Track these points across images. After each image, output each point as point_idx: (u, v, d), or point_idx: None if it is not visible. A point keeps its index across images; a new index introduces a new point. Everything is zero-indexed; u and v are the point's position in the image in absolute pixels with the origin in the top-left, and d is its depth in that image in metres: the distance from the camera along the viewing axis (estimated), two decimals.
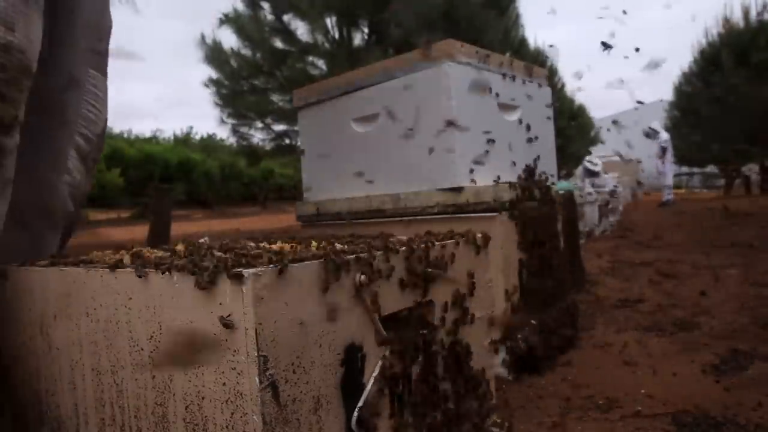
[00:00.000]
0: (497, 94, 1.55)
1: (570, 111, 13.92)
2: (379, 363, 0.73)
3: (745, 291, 2.38)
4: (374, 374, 0.72)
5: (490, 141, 1.52)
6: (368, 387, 0.71)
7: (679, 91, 14.74)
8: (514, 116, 1.62)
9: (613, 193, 6.69)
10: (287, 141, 7.87)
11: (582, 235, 3.66)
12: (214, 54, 7.44)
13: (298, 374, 0.62)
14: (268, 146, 7.97)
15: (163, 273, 0.64)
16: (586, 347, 1.69)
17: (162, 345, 0.66)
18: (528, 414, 1.21)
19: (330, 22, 6.92)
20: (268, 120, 7.78)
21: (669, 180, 9.96)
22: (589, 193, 5.28)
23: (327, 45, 7.01)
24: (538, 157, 1.69)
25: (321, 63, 7.18)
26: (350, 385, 0.69)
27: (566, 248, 1.79)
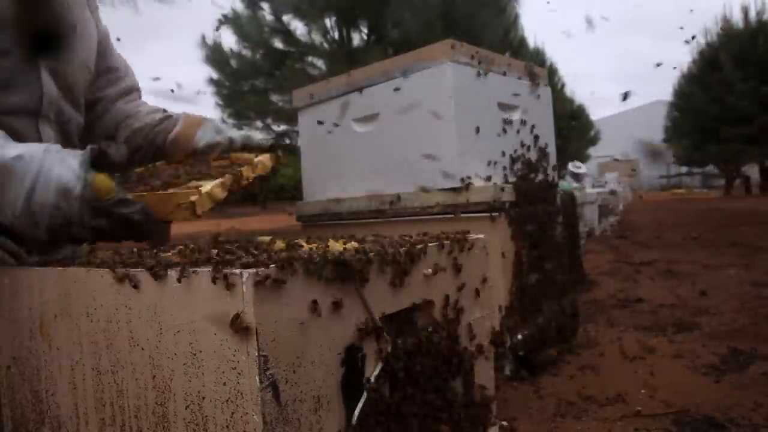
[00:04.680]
0: (497, 94, 1.55)
1: (570, 111, 13.94)
2: (380, 363, 0.73)
3: (745, 291, 2.38)
4: (374, 374, 0.72)
5: (490, 141, 1.52)
6: (368, 387, 0.71)
7: (678, 91, 14.75)
8: (513, 116, 1.62)
9: (613, 193, 6.69)
10: (287, 141, 7.88)
11: (582, 235, 3.66)
12: (215, 54, 7.44)
13: (299, 374, 0.62)
14: None
15: (178, 280, 0.64)
16: (586, 347, 1.69)
17: (162, 345, 0.66)
18: (528, 414, 1.21)
19: (330, 22, 6.92)
20: (268, 120, 7.79)
21: None
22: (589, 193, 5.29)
23: (327, 45, 7.02)
24: (538, 157, 1.69)
25: (321, 63, 7.18)
26: (350, 385, 0.69)
27: (566, 248, 1.79)
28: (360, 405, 0.70)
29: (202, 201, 0.93)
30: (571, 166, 8.34)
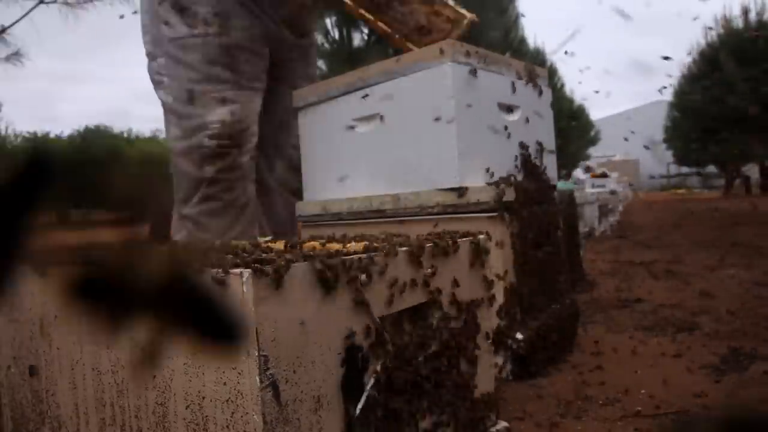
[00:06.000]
0: (497, 94, 1.55)
1: (570, 111, 13.93)
2: (380, 363, 0.73)
3: (745, 291, 2.38)
4: (375, 374, 0.72)
5: (490, 141, 1.52)
6: (368, 387, 0.71)
7: (678, 91, 14.74)
8: (513, 116, 1.62)
9: (613, 193, 6.70)
10: None
11: (582, 235, 3.66)
12: None
13: (299, 374, 0.62)
14: None
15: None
16: (585, 347, 1.69)
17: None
18: (528, 414, 1.21)
19: (330, 22, 6.92)
20: None
21: None
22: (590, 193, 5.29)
23: (327, 45, 7.01)
24: (538, 157, 1.69)
25: (321, 63, 7.18)
26: (350, 385, 0.69)
27: (566, 248, 1.79)
28: (360, 405, 0.70)
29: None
30: (586, 175, 8.14)
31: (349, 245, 0.82)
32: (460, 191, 1.42)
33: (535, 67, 1.73)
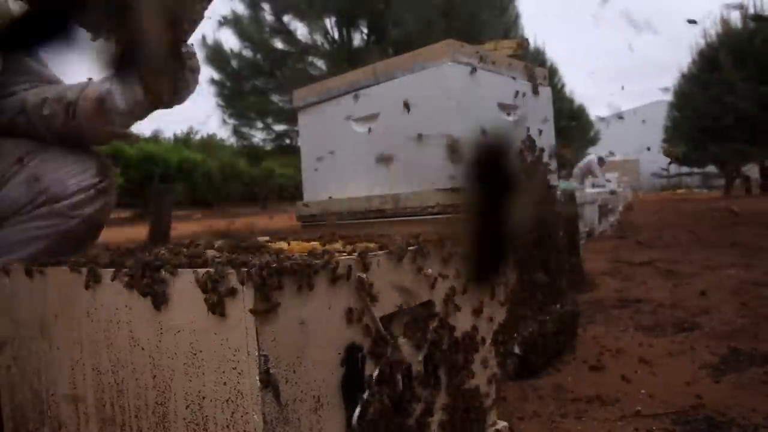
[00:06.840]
0: (497, 94, 1.55)
1: (570, 111, 13.94)
2: (380, 363, 0.73)
3: (745, 291, 2.38)
4: (374, 374, 0.72)
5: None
6: (368, 387, 0.71)
7: (678, 91, 14.73)
8: (513, 116, 1.62)
9: (613, 193, 6.70)
10: (287, 141, 7.90)
11: (582, 235, 3.66)
12: (215, 55, 7.46)
13: (299, 374, 0.62)
14: (269, 146, 8.00)
15: (171, 273, 0.64)
16: (586, 347, 1.69)
17: (162, 344, 0.66)
18: (528, 414, 1.21)
19: (329, 22, 6.93)
20: (269, 120, 7.80)
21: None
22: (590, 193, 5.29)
23: (327, 45, 7.02)
24: (538, 157, 1.69)
25: (321, 63, 7.19)
26: (350, 385, 0.69)
27: (566, 248, 1.79)
28: (360, 405, 0.70)
29: None
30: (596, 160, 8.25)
31: (348, 245, 0.82)
32: (460, 191, 1.42)
33: (536, 67, 1.73)
